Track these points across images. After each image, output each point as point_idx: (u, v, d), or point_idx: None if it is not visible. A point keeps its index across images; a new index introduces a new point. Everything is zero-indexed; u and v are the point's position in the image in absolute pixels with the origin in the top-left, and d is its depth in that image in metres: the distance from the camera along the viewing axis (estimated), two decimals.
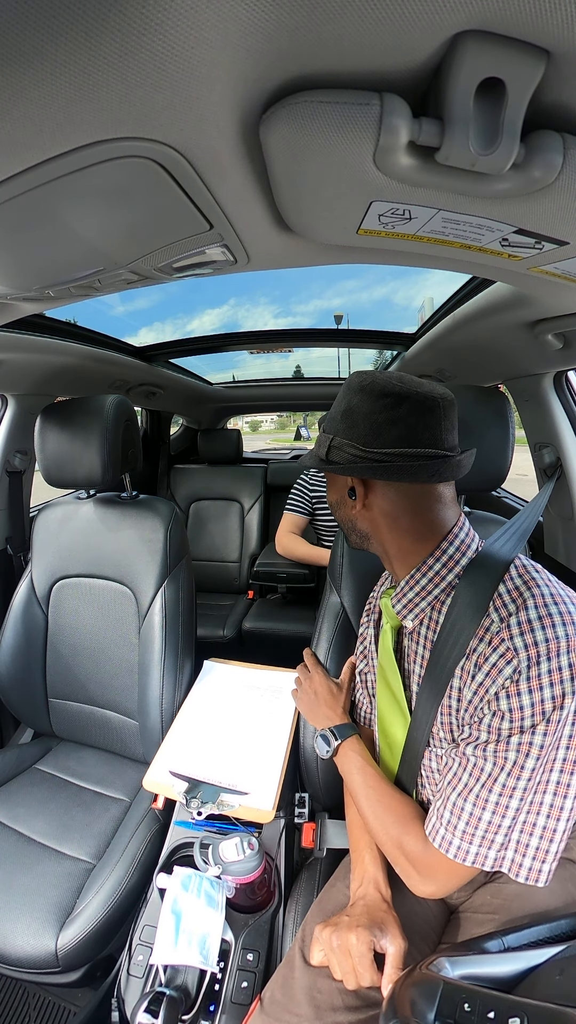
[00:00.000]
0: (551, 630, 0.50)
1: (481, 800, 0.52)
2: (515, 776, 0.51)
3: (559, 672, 0.49)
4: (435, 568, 0.60)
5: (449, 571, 0.60)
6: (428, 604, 0.62)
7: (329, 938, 0.58)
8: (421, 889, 0.58)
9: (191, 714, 1.03)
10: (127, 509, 1.14)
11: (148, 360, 1.74)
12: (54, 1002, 0.99)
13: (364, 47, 0.30)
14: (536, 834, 0.51)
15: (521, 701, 0.50)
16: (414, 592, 0.62)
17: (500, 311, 0.89)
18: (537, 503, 0.81)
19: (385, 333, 1.77)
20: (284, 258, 0.66)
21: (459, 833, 0.54)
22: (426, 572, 0.61)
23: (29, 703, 1.19)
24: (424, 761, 0.63)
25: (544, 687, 0.49)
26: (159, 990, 0.65)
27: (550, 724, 0.49)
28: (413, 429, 0.57)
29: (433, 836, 0.56)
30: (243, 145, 0.39)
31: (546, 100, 0.34)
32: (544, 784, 0.51)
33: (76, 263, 0.58)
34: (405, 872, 0.60)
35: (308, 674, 0.88)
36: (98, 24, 0.26)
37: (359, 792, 0.67)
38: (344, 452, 0.60)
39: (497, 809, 0.52)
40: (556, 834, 0.51)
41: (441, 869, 0.56)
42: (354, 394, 0.61)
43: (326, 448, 0.63)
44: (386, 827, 0.63)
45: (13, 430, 1.36)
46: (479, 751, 0.53)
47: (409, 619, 0.64)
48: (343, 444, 0.61)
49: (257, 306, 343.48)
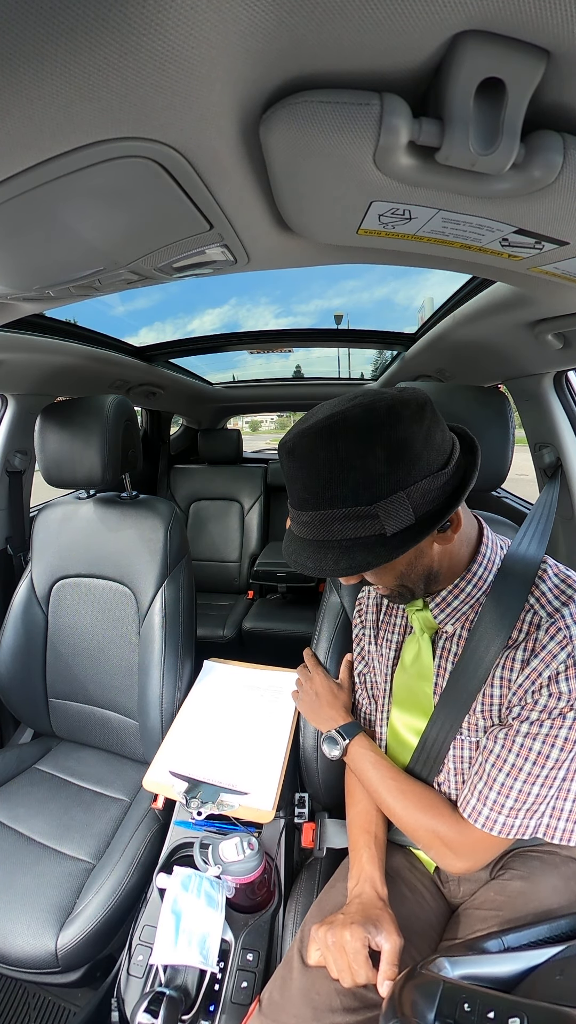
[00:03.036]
0: None
1: (532, 776, 0.56)
2: (568, 751, 0.55)
3: None
4: (479, 573, 0.63)
5: (489, 572, 0.63)
6: (469, 607, 0.64)
7: (324, 936, 0.58)
8: (458, 867, 0.61)
9: (191, 714, 1.03)
10: (127, 509, 1.14)
11: (148, 360, 1.74)
12: (54, 1002, 0.99)
13: (364, 47, 0.30)
14: (571, 799, 0.58)
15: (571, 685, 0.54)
16: (459, 600, 0.63)
17: (500, 311, 0.89)
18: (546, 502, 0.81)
19: (385, 333, 1.77)
20: (284, 258, 0.66)
21: (505, 811, 0.57)
22: (471, 579, 0.63)
23: (29, 703, 1.19)
24: (454, 751, 0.65)
25: None
26: (159, 990, 0.65)
27: None
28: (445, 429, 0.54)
29: (475, 818, 0.59)
30: (243, 145, 0.39)
31: (546, 100, 0.34)
32: None
33: (76, 263, 0.58)
34: (440, 854, 0.62)
35: (308, 675, 0.88)
36: (98, 24, 0.26)
37: (379, 787, 0.68)
38: (426, 496, 0.49)
39: (546, 783, 0.56)
40: None
41: (480, 846, 0.60)
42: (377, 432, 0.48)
43: (408, 507, 0.48)
44: (415, 816, 0.64)
45: (13, 430, 1.36)
46: (533, 728, 0.55)
47: (450, 624, 0.65)
48: (419, 489, 0.48)
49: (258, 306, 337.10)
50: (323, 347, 2.16)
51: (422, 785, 0.67)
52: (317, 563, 0.53)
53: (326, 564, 0.52)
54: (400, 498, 0.48)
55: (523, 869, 0.65)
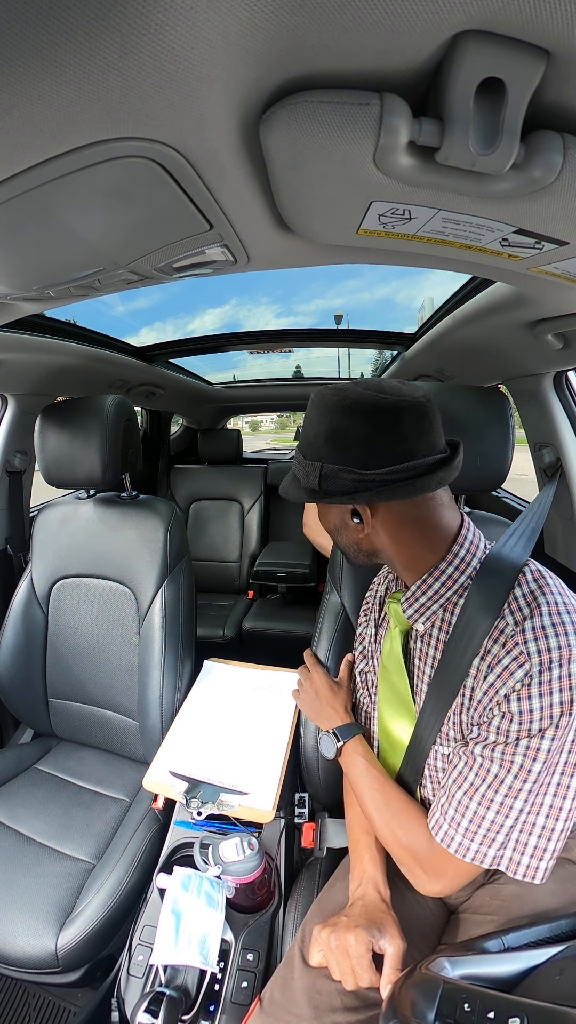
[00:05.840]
0: (563, 638, 0.51)
1: (487, 800, 0.53)
2: (521, 779, 0.51)
3: (569, 679, 0.50)
4: (447, 572, 0.61)
5: (461, 573, 0.60)
6: (440, 606, 0.62)
7: (327, 939, 0.58)
8: (428, 888, 0.59)
9: (191, 714, 1.03)
10: (127, 509, 1.14)
11: (148, 360, 1.74)
12: (54, 1002, 0.99)
13: (364, 47, 0.30)
14: (535, 833, 0.52)
15: (531, 704, 0.50)
16: (426, 596, 0.62)
17: (500, 311, 0.89)
18: (541, 503, 0.80)
19: (385, 333, 1.77)
20: (284, 258, 0.66)
21: (462, 830, 0.54)
22: (438, 576, 0.61)
23: (29, 703, 1.19)
24: (429, 760, 0.63)
25: (554, 692, 0.50)
26: (159, 990, 0.65)
27: (558, 729, 0.50)
28: (414, 442, 0.55)
29: (436, 831, 0.57)
30: (243, 145, 0.39)
31: (546, 100, 0.34)
32: (545, 786, 0.52)
33: (76, 263, 0.58)
34: (412, 872, 0.60)
35: (308, 674, 0.88)
36: (98, 24, 0.26)
37: (364, 794, 0.67)
38: (340, 479, 0.57)
39: (501, 809, 0.52)
40: (555, 833, 0.52)
41: (447, 867, 0.57)
42: (336, 415, 0.57)
43: (316, 477, 0.58)
44: (392, 829, 0.63)
45: (13, 430, 1.36)
46: (487, 751, 0.53)
47: (420, 622, 0.64)
48: (337, 471, 0.56)
49: (259, 306, 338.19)
50: (323, 347, 2.16)
51: (405, 798, 0.65)
52: (283, 484, 0.66)
53: (283, 484, 0.66)
54: (315, 466, 0.58)
55: None
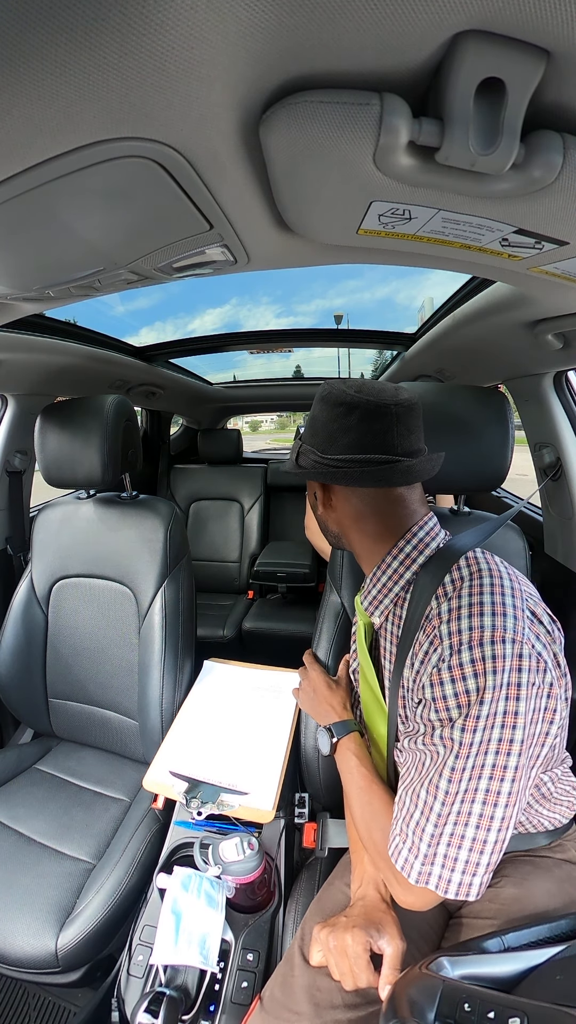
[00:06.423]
0: (477, 619, 0.49)
1: (414, 795, 0.51)
2: (438, 774, 0.48)
3: (481, 663, 0.47)
4: (393, 565, 0.62)
5: (407, 568, 0.61)
6: (391, 601, 0.63)
7: (326, 939, 0.58)
8: (402, 899, 0.55)
9: (191, 714, 1.03)
10: (127, 509, 1.14)
11: (148, 360, 1.74)
12: (54, 1002, 0.99)
13: (364, 47, 0.30)
14: (465, 847, 0.47)
15: (444, 691, 0.48)
16: (376, 589, 0.64)
17: (500, 311, 0.89)
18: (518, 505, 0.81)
19: (385, 333, 1.77)
20: (284, 258, 0.66)
21: (397, 830, 0.52)
22: (385, 570, 0.62)
23: (29, 703, 1.19)
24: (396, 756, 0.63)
25: (467, 677, 0.47)
26: (159, 990, 0.65)
27: (468, 720, 0.47)
28: (363, 436, 0.59)
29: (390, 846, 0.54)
30: (243, 145, 0.39)
31: (546, 100, 0.34)
32: (473, 792, 0.47)
33: (76, 263, 0.58)
34: (388, 880, 0.57)
35: (307, 673, 0.88)
36: (98, 24, 0.26)
37: (351, 792, 0.68)
38: (308, 458, 0.63)
39: (424, 809, 0.49)
40: (487, 845, 0.47)
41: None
42: (316, 403, 0.64)
43: (296, 453, 0.67)
44: (371, 831, 0.61)
45: (13, 430, 1.36)
46: (413, 745, 0.52)
47: (376, 615, 0.65)
48: (307, 450, 0.64)
49: (259, 305, 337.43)
50: (323, 347, 2.16)
51: (388, 798, 0.62)
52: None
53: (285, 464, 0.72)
54: (298, 444, 0.67)
55: (516, 875, 0.64)
